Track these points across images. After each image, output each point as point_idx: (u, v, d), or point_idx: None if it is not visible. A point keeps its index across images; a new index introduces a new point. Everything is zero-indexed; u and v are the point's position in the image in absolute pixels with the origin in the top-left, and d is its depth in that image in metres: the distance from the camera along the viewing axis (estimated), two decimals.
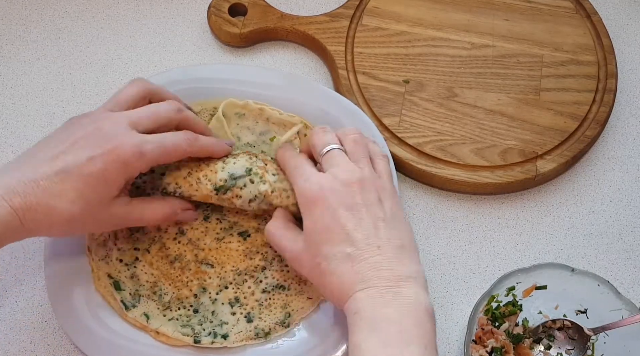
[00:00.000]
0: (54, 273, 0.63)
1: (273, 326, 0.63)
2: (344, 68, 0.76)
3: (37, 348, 0.64)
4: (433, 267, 0.69)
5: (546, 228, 0.71)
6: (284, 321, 0.63)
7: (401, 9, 0.80)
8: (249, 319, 0.63)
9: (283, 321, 0.63)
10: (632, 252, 0.71)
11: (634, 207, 0.73)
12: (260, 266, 0.65)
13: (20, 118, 0.74)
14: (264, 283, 0.65)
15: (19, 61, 0.78)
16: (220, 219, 0.67)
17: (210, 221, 0.67)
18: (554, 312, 0.65)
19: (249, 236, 0.66)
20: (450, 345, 0.66)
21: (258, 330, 0.63)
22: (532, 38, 0.79)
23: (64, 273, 0.63)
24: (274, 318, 0.63)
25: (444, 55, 0.77)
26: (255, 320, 0.63)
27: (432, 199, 0.72)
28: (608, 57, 0.78)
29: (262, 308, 0.64)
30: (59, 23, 0.80)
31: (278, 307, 0.64)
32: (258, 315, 0.63)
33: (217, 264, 0.65)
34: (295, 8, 0.82)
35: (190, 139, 0.59)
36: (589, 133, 0.74)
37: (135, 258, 0.65)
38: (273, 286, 0.65)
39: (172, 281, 0.64)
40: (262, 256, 0.66)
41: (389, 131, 0.73)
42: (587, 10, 0.81)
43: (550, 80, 0.76)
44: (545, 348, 0.64)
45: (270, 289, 0.65)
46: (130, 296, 0.63)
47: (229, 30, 0.78)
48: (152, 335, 0.62)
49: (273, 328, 0.63)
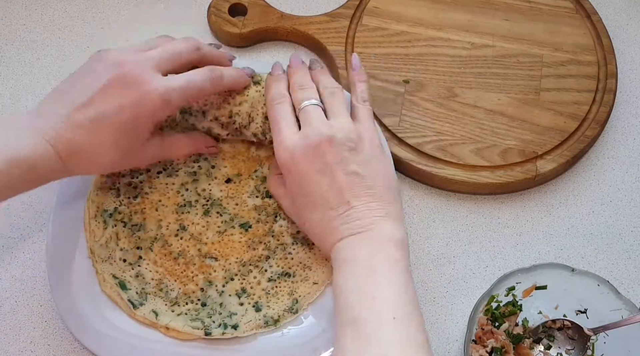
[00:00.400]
0: (58, 276, 0.63)
1: (282, 313, 0.63)
2: (344, 68, 0.76)
3: (37, 348, 0.64)
4: (433, 267, 0.69)
5: (546, 228, 0.71)
6: (292, 308, 0.64)
7: (401, 9, 0.80)
8: (258, 308, 0.64)
9: (291, 307, 0.64)
10: (632, 252, 0.71)
11: (634, 207, 0.73)
12: (264, 255, 0.66)
13: None
14: (269, 272, 0.65)
15: (19, 61, 0.78)
16: (221, 212, 0.67)
17: (210, 215, 0.67)
18: (554, 312, 0.65)
19: (250, 227, 0.67)
20: (450, 345, 0.66)
21: (267, 318, 0.63)
22: (532, 38, 0.79)
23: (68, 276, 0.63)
24: (282, 305, 0.64)
25: (444, 55, 0.77)
26: (263, 308, 0.64)
27: (432, 199, 0.72)
28: (608, 57, 0.78)
29: (270, 297, 0.64)
30: (59, 23, 0.80)
31: (285, 294, 0.64)
32: (266, 304, 0.64)
33: (221, 257, 0.66)
34: (295, 8, 0.82)
35: (215, 79, 0.61)
36: (589, 133, 0.74)
37: (138, 257, 0.65)
38: (278, 274, 0.65)
39: (177, 277, 0.64)
40: (264, 245, 0.66)
41: (389, 131, 0.73)
42: (587, 10, 0.81)
43: (550, 80, 0.76)
44: (545, 348, 0.64)
45: (275, 278, 0.65)
46: (137, 295, 0.63)
47: (229, 30, 0.78)
48: (162, 331, 0.62)
49: (282, 315, 0.63)
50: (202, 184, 0.68)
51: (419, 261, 0.69)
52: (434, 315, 0.67)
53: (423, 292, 0.68)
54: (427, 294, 0.68)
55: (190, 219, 0.67)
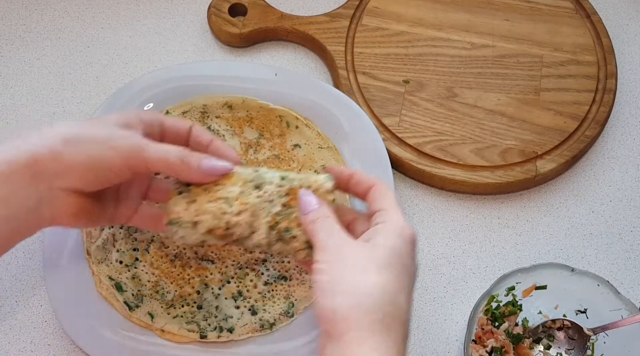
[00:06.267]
0: (55, 278, 0.63)
1: (278, 317, 0.63)
2: (344, 68, 0.76)
3: (37, 348, 0.64)
4: (433, 267, 0.69)
5: (546, 228, 0.71)
6: (288, 311, 0.64)
7: (401, 9, 0.80)
8: (254, 311, 0.64)
9: (287, 311, 0.64)
10: (632, 252, 0.71)
11: (634, 207, 0.73)
12: (261, 258, 0.66)
13: (20, 118, 0.74)
14: (266, 275, 0.65)
15: (19, 60, 0.78)
16: None
17: None
18: (554, 312, 0.65)
19: None
20: (450, 345, 0.66)
21: (263, 322, 0.63)
22: (532, 38, 0.79)
23: (64, 277, 0.63)
24: (278, 309, 0.64)
25: (444, 55, 0.77)
26: (259, 312, 0.64)
27: (432, 199, 0.72)
28: (608, 57, 0.78)
29: (266, 300, 0.64)
30: (59, 23, 0.80)
31: (281, 298, 0.64)
32: (262, 307, 0.64)
33: (217, 259, 0.65)
34: (295, 8, 0.82)
35: (189, 160, 0.52)
36: (588, 133, 0.74)
37: (135, 258, 0.65)
38: (275, 277, 0.65)
39: (173, 280, 0.64)
40: None
41: (389, 131, 0.73)
42: (587, 10, 0.81)
43: (550, 80, 0.76)
44: (545, 348, 0.64)
45: (272, 281, 0.65)
46: (133, 297, 0.63)
47: (229, 30, 0.78)
48: (157, 334, 0.62)
49: (278, 319, 0.63)
50: None
51: (419, 261, 0.69)
52: (434, 315, 0.67)
53: (423, 292, 0.68)
54: (427, 294, 0.68)
55: None
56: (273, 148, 0.71)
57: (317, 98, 0.72)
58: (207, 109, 0.71)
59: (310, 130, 0.71)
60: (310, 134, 0.71)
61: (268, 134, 0.71)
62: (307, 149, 0.70)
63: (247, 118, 0.71)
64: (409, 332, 0.47)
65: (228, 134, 0.71)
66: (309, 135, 0.71)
